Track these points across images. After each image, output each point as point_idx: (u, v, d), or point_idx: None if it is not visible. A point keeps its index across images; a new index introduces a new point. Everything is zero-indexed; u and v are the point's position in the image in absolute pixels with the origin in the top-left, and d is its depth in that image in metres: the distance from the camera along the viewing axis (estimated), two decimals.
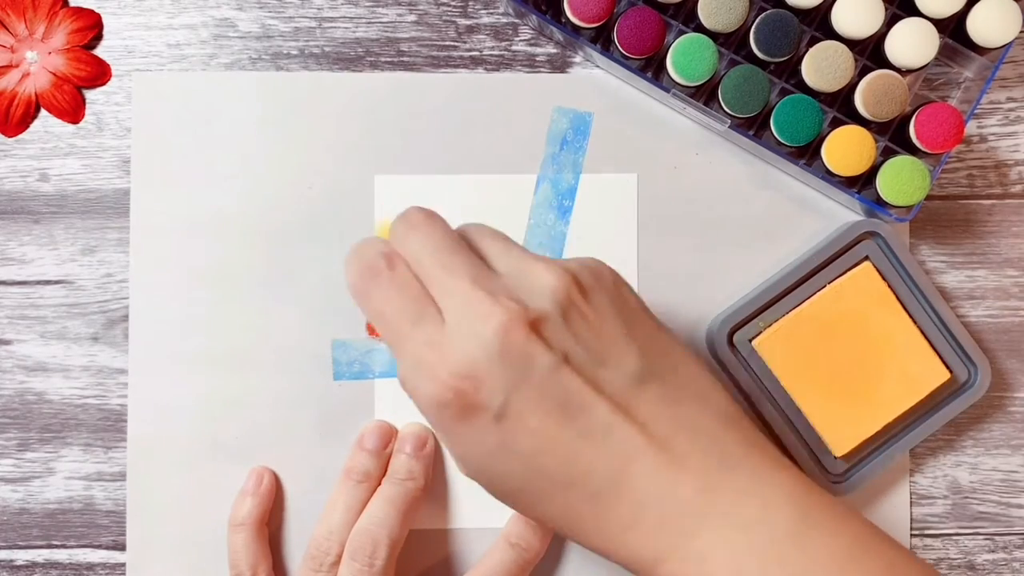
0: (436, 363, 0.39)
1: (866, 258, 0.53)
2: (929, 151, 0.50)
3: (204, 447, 0.54)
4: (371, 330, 0.54)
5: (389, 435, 0.53)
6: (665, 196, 0.55)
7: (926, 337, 0.52)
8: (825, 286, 0.53)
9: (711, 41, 0.50)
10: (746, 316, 0.53)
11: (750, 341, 0.53)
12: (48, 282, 0.55)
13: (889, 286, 0.52)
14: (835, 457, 0.52)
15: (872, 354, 0.52)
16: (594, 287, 0.41)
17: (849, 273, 0.52)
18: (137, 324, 0.54)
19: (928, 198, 0.55)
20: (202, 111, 0.55)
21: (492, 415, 0.38)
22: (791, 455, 0.53)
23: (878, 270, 0.52)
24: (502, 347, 0.38)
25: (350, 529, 0.50)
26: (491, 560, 0.51)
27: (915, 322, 0.52)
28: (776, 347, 0.52)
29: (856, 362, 0.52)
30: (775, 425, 0.52)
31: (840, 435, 0.52)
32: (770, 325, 0.52)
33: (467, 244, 0.42)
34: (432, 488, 0.54)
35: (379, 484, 0.52)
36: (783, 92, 0.51)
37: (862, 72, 0.51)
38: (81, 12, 0.54)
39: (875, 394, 0.52)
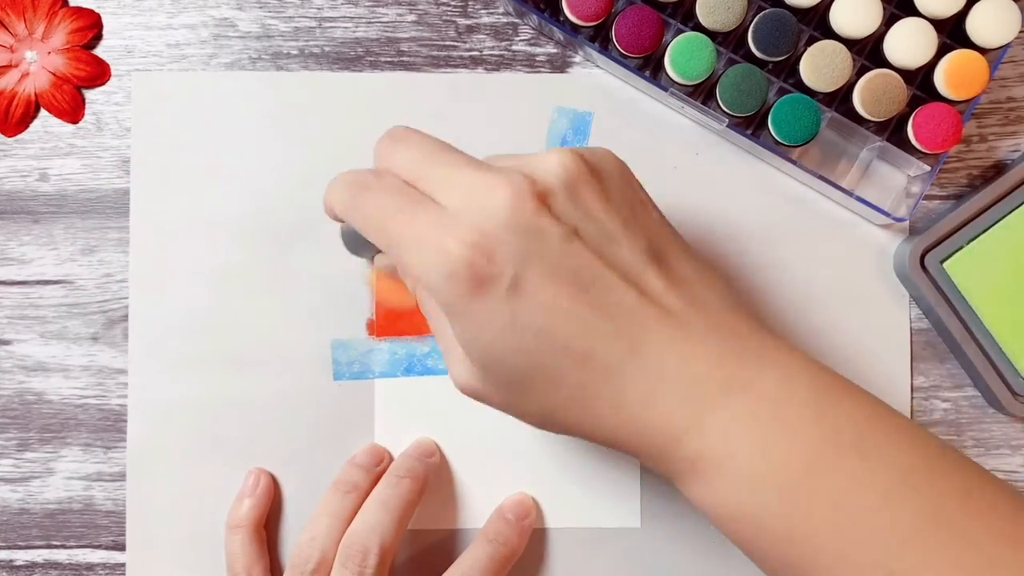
0: (444, 237, 0.37)
1: None
2: (928, 151, 0.50)
3: (204, 447, 0.54)
4: (371, 329, 0.54)
5: (381, 455, 0.53)
6: (665, 196, 0.54)
7: None
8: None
9: (709, 40, 0.50)
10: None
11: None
12: (48, 282, 0.55)
13: None
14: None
15: None
16: (601, 170, 0.41)
17: None
18: (137, 324, 0.54)
19: (927, 198, 0.54)
20: (202, 111, 0.55)
21: (504, 287, 0.37)
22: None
23: None
24: (512, 218, 0.37)
25: (333, 537, 0.49)
26: (469, 557, 0.51)
27: None
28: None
29: None
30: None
31: None
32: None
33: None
34: (434, 489, 0.54)
35: (366, 496, 0.51)
36: (781, 91, 0.51)
37: (860, 71, 0.51)
38: (81, 12, 0.54)
39: None
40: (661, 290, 0.39)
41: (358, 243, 0.50)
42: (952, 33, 0.51)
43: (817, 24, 0.51)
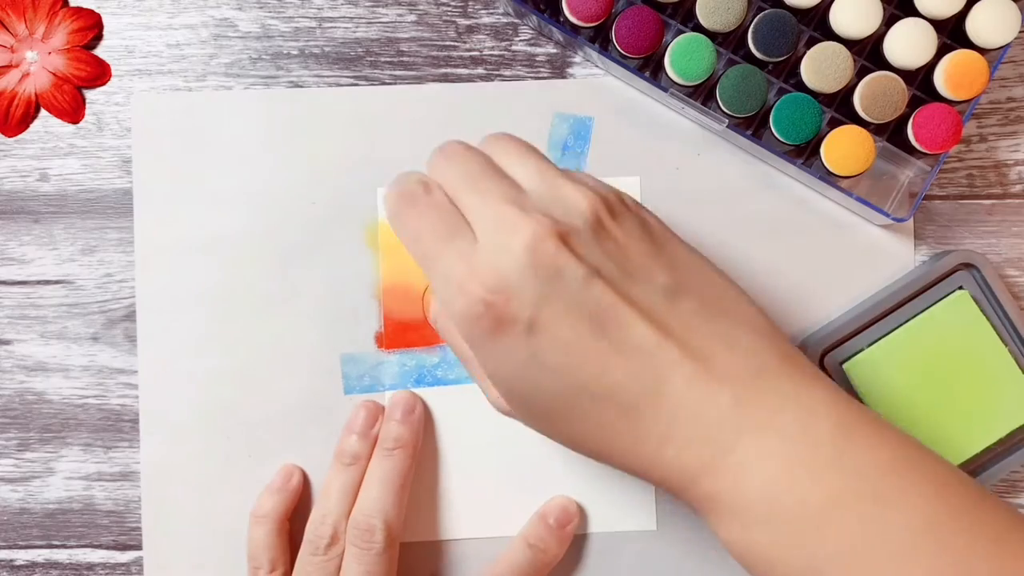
0: (467, 278, 0.39)
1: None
2: (927, 151, 0.50)
3: (216, 467, 0.54)
4: (380, 342, 0.54)
5: (376, 415, 0.53)
6: (668, 197, 0.55)
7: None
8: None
9: (709, 41, 0.50)
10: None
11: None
12: (48, 282, 0.55)
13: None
14: None
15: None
16: (620, 209, 0.41)
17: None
18: (146, 342, 0.54)
19: (928, 198, 0.55)
20: (203, 130, 0.54)
21: (523, 327, 0.38)
22: None
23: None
24: (532, 259, 0.38)
25: (343, 509, 0.51)
26: (506, 560, 0.52)
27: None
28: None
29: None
30: None
31: None
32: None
33: (500, 168, 0.42)
34: (429, 500, 0.54)
35: (367, 464, 0.52)
36: (781, 92, 0.51)
37: (860, 72, 0.51)
38: (81, 12, 0.54)
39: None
40: (683, 328, 0.39)
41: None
42: (952, 33, 0.51)
43: (817, 25, 0.51)
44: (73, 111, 0.55)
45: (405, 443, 0.52)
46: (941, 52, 0.51)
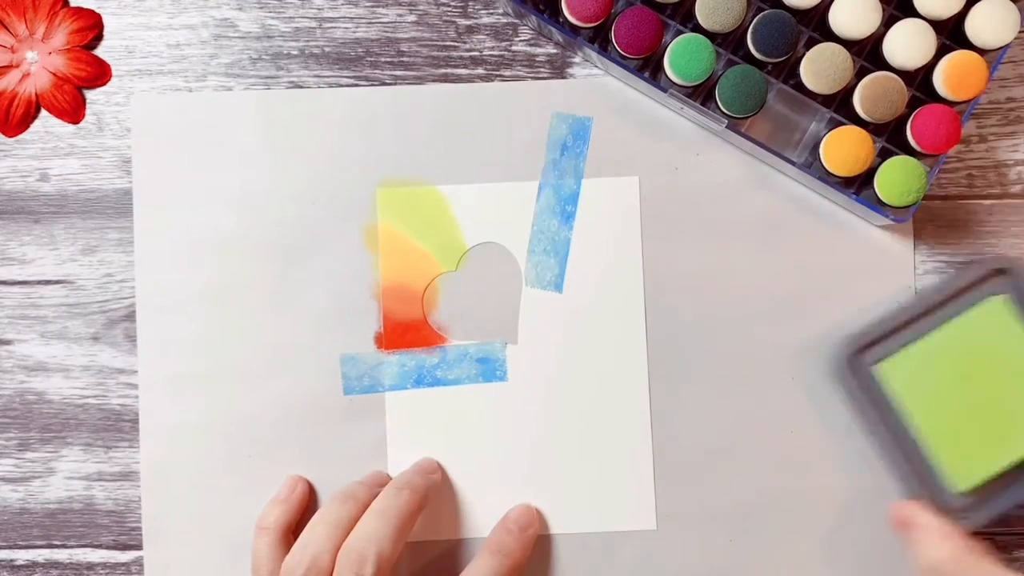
0: None
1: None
2: (926, 152, 0.50)
3: (216, 465, 0.54)
4: (379, 342, 0.54)
5: (384, 478, 0.53)
6: (667, 197, 0.55)
7: None
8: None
9: (709, 41, 0.50)
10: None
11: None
12: (48, 282, 0.55)
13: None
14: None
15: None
16: None
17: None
18: (146, 342, 0.54)
19: (928, 198, 0.55)
20: (202, 130, 0.55)
21: None
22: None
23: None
24: None
25: (324, 544, 0.48)
26: (473, 570, 0.51)
27: None
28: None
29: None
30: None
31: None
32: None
33: None
34: (448, 498, 0.54)
35: (364, 508, 0.50)
36: (780, 92, 0.51)
37: (860, 73, 0.51)
38: (81, 12, 0.54)
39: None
40: None
41: None
42: (951, 34, 0.51)
43: (816, 25, 0.51)
44: (73, 111, 0.55)
45: (416, 487, 0.51)
46: (940, 53, 0.51)
